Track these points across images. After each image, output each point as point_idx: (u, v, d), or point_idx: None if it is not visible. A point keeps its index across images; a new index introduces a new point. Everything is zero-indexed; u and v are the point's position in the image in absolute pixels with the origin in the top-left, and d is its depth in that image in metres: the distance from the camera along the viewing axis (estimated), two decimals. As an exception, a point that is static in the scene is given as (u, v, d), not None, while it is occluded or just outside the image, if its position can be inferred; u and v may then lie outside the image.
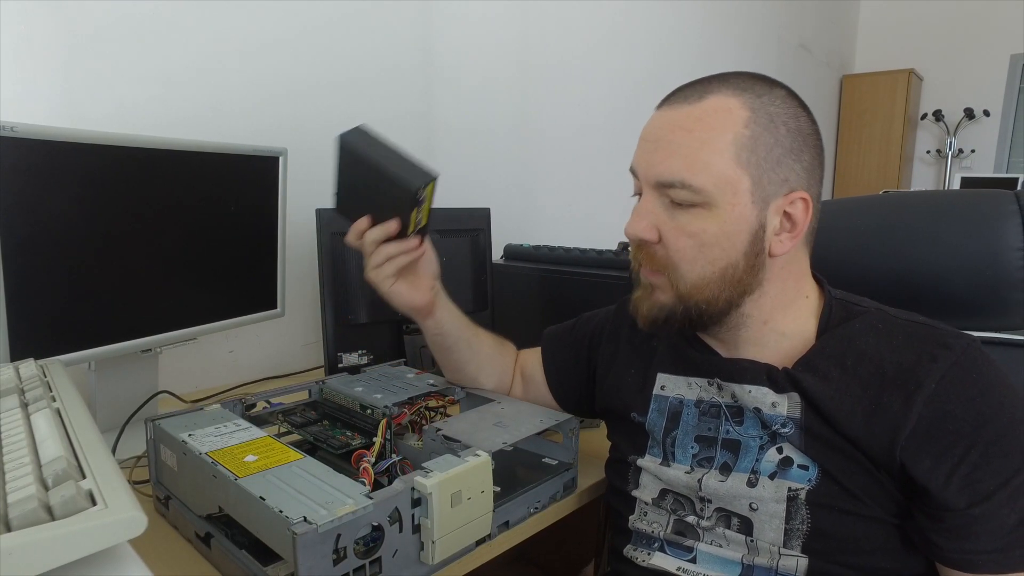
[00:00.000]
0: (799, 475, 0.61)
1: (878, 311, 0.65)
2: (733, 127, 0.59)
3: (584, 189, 2.16)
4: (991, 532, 0.54)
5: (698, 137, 0.60)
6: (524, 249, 1.41)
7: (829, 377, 0.61)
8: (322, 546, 0.51)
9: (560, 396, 0.87)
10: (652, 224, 0.63)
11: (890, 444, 0.57)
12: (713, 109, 0.60)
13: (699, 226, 0.61)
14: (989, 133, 4.59)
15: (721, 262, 0.61)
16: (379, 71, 1.50)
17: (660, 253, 0.64)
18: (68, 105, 1.04)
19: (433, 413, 0.85)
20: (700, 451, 0.68)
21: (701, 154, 0.59)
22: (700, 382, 0.70)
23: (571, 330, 0.88)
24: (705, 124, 0.60)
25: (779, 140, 0.60)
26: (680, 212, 0.62)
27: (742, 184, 0.60)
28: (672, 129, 0.62)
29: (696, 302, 0.63)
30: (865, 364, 0.60)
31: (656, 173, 0.62)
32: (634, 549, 0.72)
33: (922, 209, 0.84)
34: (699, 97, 0.61)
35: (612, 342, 0.81)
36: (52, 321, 0.79)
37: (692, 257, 0.62)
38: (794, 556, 0.60)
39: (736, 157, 0.59)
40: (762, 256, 0.62)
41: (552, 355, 0.88)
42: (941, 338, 0.59)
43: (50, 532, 0.31)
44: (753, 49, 3.25)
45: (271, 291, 1.11)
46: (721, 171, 0.59)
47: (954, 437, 0.55)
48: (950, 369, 0.57)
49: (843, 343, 0.62)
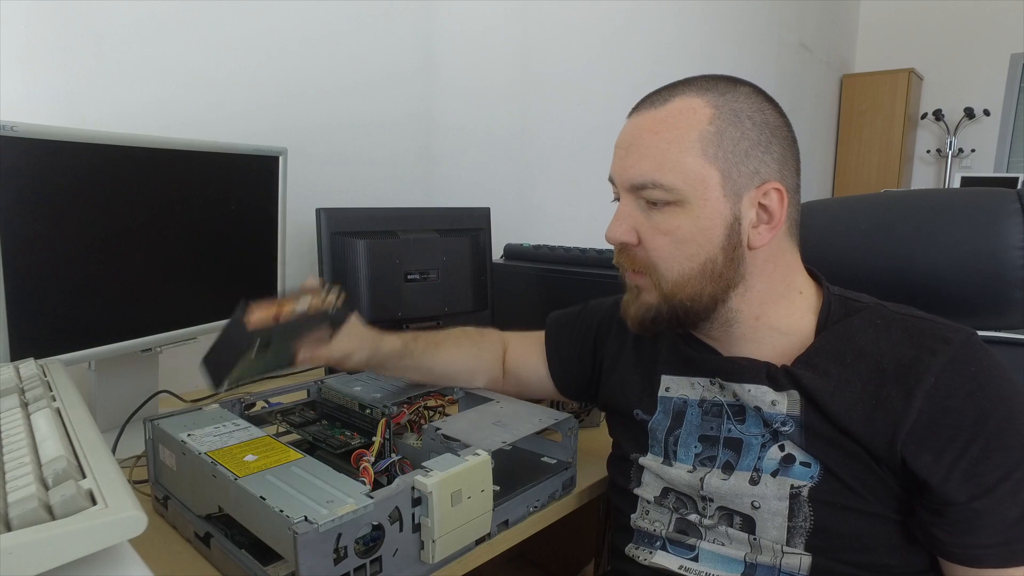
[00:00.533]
0: (801, 472, 0.61)
1: (877, 307, 0.65)
2: (698, 125, 0.61)
3: (584, 189, 2.16)
4: (993, 526, 0.54)
5: (665, 138, 0.61)
6: (524, 249, 1.41)
7: (828, 374, 0.61)
8: (323, 545, 0.51)
9: (561, 382, 0.87)
10: (630, 227, 0.65)
11: (891, 439, 0.57)
12: (678, 110, 0.62)
13: (674, 223, 0.62)
14: (989, 133, 4.58)
15: (699, 257, 0.62)
16: (379, 71, 1.50)
17: (641, 255, 0.65)
18: (69, 105, 1.04)
19: (432, 412, 0.85)
20: (703, 450, 0.68)
21: (669, 154, 0.61)
22: (702, 381, 0.70)
23: (576, 317, 0.88)
24: (670, 124, 0.62)
25: (745, 133, 0.61)
26: (655, 212, 0.63)
27: (712, 179, 0.61)
28: (640, 133, 0.64)
29: (680, 300, 0.64)
30: (864, 360, 0.60)
31: (629, 177, 0.64)
32: (636, 547, 0.72)
33: (923, 208, 0.84)
34: (664, 101, 0.63)
35: (619, 338, 0.81)
36: (52, 321, 0.79)
37: (670, 255, 0.63)
38: (797, 554, 0.60)
39: (703, 153, 0.61)
40: (740, 249, 0.63)
41: (556, 341, 0.88)
42: (939, 332, 0.59)
43: (50, 532, 0.31)
44: (753, 49, 3.25)
45: (271, 291, 1.11)
46: (690, 168, 0.61)
47: (954, 431, 0.55)
48: (949, 363, 0.57)
49: (842, 340, 0.63)
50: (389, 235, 1.21)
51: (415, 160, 1.62)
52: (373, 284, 1.17)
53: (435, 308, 1.26)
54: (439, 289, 1.26)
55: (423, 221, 1.28)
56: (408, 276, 1.22)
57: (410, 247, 1.22)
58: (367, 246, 1.16)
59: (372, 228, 1.21)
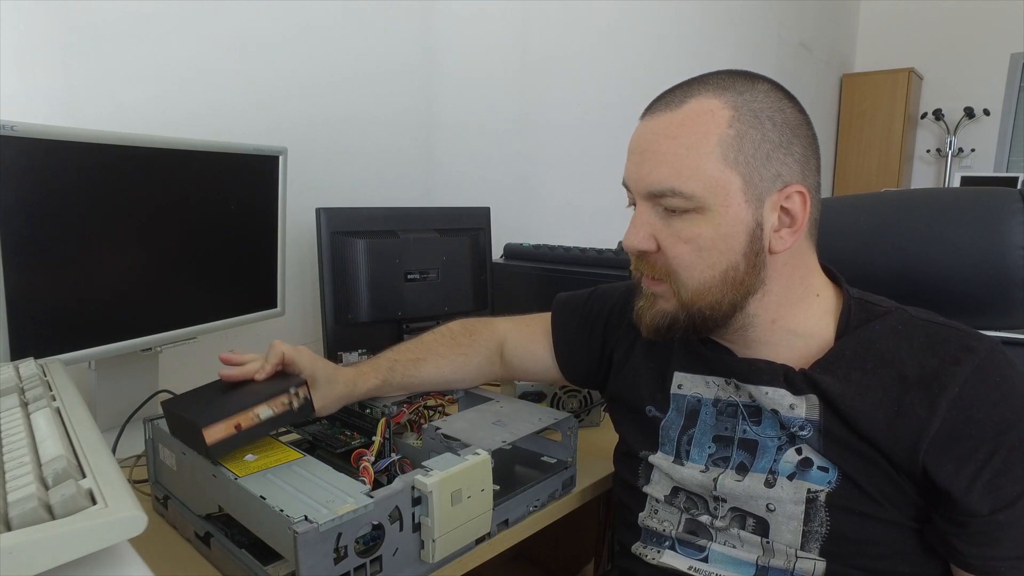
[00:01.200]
0: (819, 477, 0.60)
1: (898, 311, 0.63)
2: (717, 128, 0.59)
3: (584, 188, 2.16)
4: (1014, 539, 0.54)
5: (683, 143, 0.59)
6: (524, 248, 1.41)
7: (849, 379, 0.60)
8: (323, 545, 0.51)
9: (567, 368, 0.85)
10: (649, 234, 0.62)
11: (913, 447, 0.56)
12: (695, 112, 0.60)
13: (695, 231, 0.60)
14: (989, 132, 4.58)
15: (721, 265, 0.60)
16: (379, 69, 1.50)
17: (660, 262, 0.63)
18: (68, 104, 1.04)
19: (432, 412, 0.85)
20: (717, 451, 0.67)
21: (688, 160, 0.59)
22: (718, 381, 0.69)
23: (586, 301, 0.86)
24: (688, 129, 0.59)
25: (766, 135, 0.59)
26: (675, 219, 0.61)
27: (733, 185, 0.59)
28: (657, 138, 0.61)
29: (699, 308, 0.62)
30: (886, 367, 0.59)
31: (646, 184, 0.61)
32: (643, 546, 0.71)
33: (925, 207, 0.84)
34: (680, 102, 0.61)
35: (631, 330, 0.78)
36: (52, 320, 0.79)
37: (691, 263, 0.61)
38: (812, 559, 0.60)
39: (723, 158, 0.58)
40: (762, 255, 0.61)
41: (563, 325, 0.86)
42: (963, 340, 0.58)
43: (50, 531, 0.31)
44: (752, 48, 3.25)
45: (271, 290, 1.11)
46: (710, 174, 0.58)
47: (977, 442, 0.55)
48: (973, 373, 0.56)
49: (864, 345, 0.61)
50: (389, 235, 1.21)
51: (415, 158, 1.62)
52: (373, 284, 1.17)
53: (435, 308, 1.26)
54: (439, 289, 1.26)
55: (423, 220, 1.28)
56: (408, 276, 1.22)
57: (410, 247, 1.22)
58: (367, 246, 1.16)
59: (372, 228, 1.21)
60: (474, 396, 0.87)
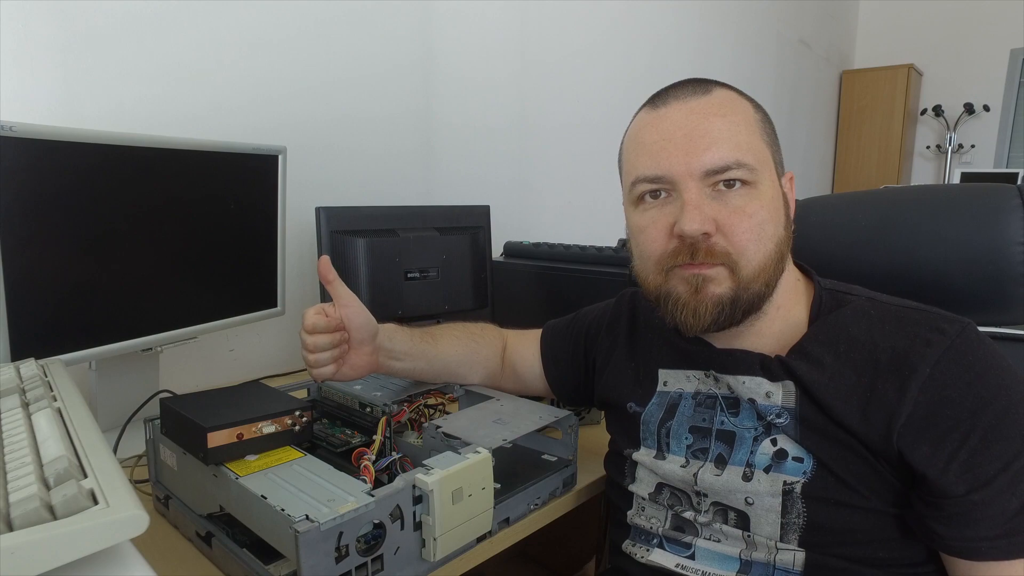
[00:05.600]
0: (794, 468, 0.61)
1: (869, 299, 0.65)
2: (748, 111, 0.64)
3: (584, 186, 2.16)
4: (992, 518, 0.54)
5: (733, 120, 0.62)
6: (524, 246, 1.41)
7: (823, 364, 0.61)
8: (324, 544, 0.51)
9: (557, 387, 0.88)
10: (708, 216, 0.61)
11: (887, 432, 0.56)
12: (728, 98, 0.64)
13: (753, 205, 0.61)
14: (989, 128, 4.58)
15: (775, 239, 0.62)
16: (378, 69, 1.50)
17: (720, 243, 0.61)
18: (67, 104, 1.04)
19: (432, 410, 0.85)
20: (694, 442, 0.68)
21: (743, 134, 0.62)
22: (697, 374, 0.70)
23: (570, 324, 0.89)
24: (732, 108, 0.63)
25: (771, 125, 0.66)
26: (732, 196, 0.61)
27: (771, 160, 0.64)
28: (704, 118, 0.61)
29: (757, 287, 0.61)
30: (858, 350, 0.60)
31: (704, 163, 0.60)
32: (633, 544, 0.72)
33: (924, 204, 0.84)
34: (706, 91, 0.64)
35: (610, 334, 0.82)
36: (52, 321, 0.79)
37: (757, 237, 0.61)
38: (791, 550, 0.60)
39: (762, 135, 0.64)
40: (790, 230, 0.65)
41: (551, 348, 0.89)
42: (934, 322, 0.59)
43: (52, 531, 0.31)
44: (752, 45, 3.25)
45: (271, 290, 1.11)
46: (760, 148, 0.63)
47: (952, 422, 0.54)
48: (945, 353, 0.56)
49: (835, 329, 0.62)
50: (389, 233, 1.21)
51: (415, 157, 1.62)
52: (373, 282, 1.17)
53: (435, 306, 1.26)
54: (439, 287, 1.26)
55: (423, 219, 1.28)
56: (408, 274, 1.22)
57: (410, 245, 1.22)
58: (367, 244, 1.16)
59: (372, 226, 1.21)
60: (474, 395, 0.87)
